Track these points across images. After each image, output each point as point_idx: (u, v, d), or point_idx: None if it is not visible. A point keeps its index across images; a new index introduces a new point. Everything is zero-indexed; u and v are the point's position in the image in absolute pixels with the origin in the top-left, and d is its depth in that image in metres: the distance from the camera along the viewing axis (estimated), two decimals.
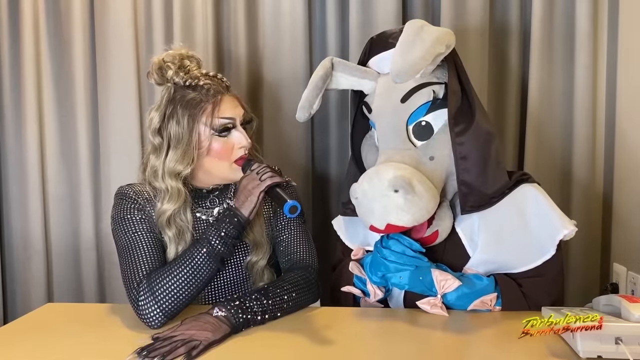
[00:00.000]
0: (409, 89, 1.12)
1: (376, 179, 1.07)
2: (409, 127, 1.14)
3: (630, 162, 1.45)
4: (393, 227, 1.07)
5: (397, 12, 1.59)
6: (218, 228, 1.11)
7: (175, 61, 1.20)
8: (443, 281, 1.08)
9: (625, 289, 1.43)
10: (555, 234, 1.12)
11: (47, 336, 1.04)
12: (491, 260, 1.13)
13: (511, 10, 1.61)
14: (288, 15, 1.65)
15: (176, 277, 1.08)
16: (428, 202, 1.07)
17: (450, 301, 1.10)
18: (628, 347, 0.84)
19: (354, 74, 1.20)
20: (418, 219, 1.07)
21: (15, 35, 1.71)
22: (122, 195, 1.21)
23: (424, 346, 0.98)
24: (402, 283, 1.11)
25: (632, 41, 1.46)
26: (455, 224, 1.18)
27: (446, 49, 1.09)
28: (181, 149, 1.16)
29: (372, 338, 1.02)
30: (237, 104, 1.21)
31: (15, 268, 1.79)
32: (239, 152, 1.19)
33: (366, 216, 1.10)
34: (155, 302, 1.06)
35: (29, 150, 1.72)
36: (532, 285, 1.12)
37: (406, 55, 1.05)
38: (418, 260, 1.11)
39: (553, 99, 1.58)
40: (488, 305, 1.10)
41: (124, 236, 1.16)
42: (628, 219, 1.46)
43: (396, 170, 1.06)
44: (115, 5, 1.67)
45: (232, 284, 1.24)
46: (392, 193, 1.04)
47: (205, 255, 1.09)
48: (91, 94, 1.72)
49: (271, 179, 1.10)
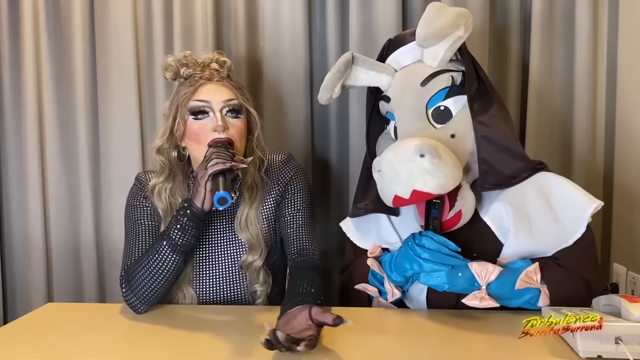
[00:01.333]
0: (428, 73, 1.16)
1: (401, 147, 1.07)
2: (429, 111, 1.16)
3: (630, 162, 1.45)
4: (419, 193, 1.05)
5: (397, 12, 1.59)
6: (176, 221, 1.14)
7: (188, 61, 1.26)
8: (483, 271, 1.04)
9: (625, 289, 1.43)
10: (584, 211, 1.10)
11: (47, 336, 1.04)
12: (524, 249, 1.11)
13: (511, 10, 1.61)
14: (288, 15, 1.65)
15: (145, 270, 1.15)
16: (454, 169, 1.06)
17: (495, 291, 1.05)
18: (628, 347, 0.84)
19: (373, 68, 1.23)
20: (444, 185, 1.05)
21: (15, 35, 1.71)
22: (137, 180, 1.32)
23: (424, 346, 0.98)
24: (441, 283, 1.06)
25: (632, 41, 1.46)
26: (482, 214, 1.16)
27: (465, 32, 1.14)
28: (163, 127, 1.25)
29: (372, 338, 1.02)
30: (223, 91, 1.22)
31: (15, 268, 1.79)
32: (213, 135, 1.18)
33: (390, 185, 1.07)
34: (132, 292, 1.15)
35: (29, 150, 1.71)
36: (568, 257, 1.09)
37: (432, 21, 1.11)
38: (455, 260, 1.06)
39: (553, 98, 1.58)
40: (534, 281, 1.05)
41: (128, 223, 1.26)
42: (628, 219, 1.46)
43: (420, 138, 1.08)
44: (115, 5, 1.67)
45: (228, 283, 1.25)
46: (418, 157, 1.04)
47: (168, 249, 1.14)
48: (91, 94, 1.71)
49: (213, 167, 1.07)
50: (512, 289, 1.05)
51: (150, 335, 1.04)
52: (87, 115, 1.71)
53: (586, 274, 1.09)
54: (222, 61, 1.28)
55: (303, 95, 1.66)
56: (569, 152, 1.58)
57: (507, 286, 1.05)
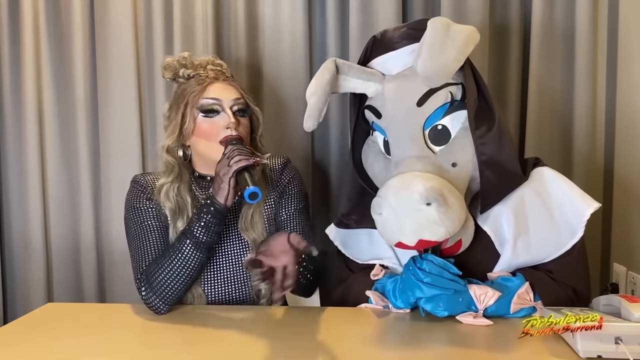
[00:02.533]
0: (425, 91, 1.06)
1: (405, 192, 0.98)
2: (425, 132, 1.08)
3: (630, 162, 1.45)
4: (426, 242, 1.00)
5: (397, 12, 1.59)
6: (199, 218, 1.14)
7: (186, 62, 1.27)
8: (482, 295, 1.04)
9: (625, 289, 1.43)
10: (581, 215, 1.09)
11: (47, 336, 1.04)
12: (519, 262, 1.11)
13: (511, 10, 1.61)
14: (288, 15, 1.65)
15: (168, 270, 1.13)
16: (460, 212, 1.01)
17: (490, 313, 1.05)
18: (628, 347, 0.84)
19: (359, 76, 1.12)
20: (452, 231, 1.00)
21: (15, 35, 1.71)
22: (135, 183, 1.29)
23: (424, 346, 0.98)
24: (441, 310, 1.04)
25: (632, 40, 1.46)
26: (480, 222, 1.12)
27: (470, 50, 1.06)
28: (171, 126, 1.24)
29: (371, 339, 1.02)
30: (231, 90, 1.24)
31: (15, 268, 1.79)
32: (225, 132, 1.19)
33: (394, 233, 1.01)
34: (154, 293, 1.13)
35: (29, 150, 1.71)
36: (559, 268, 1.09)
37: (437, 56, 1.01)
38: (456, 284, 1.05)
39: (554, 98, 1.58)
40: (528, 301, 1.06)
41: (133, 225, 1.23)
42: (628, 218, 1.46)
43: (425, 181, 0.99)
44: (115, 6, 1.67)
45: (234, 283, 1.25)
46: (424, 207, 0.96)
47: (191, 247, 1.13)
48: (91, 94, 1.71)
49: (237, 163, 1.09)
50: (508, 311, 1.06)
51: (150, 335, 1.04)
52: (87, 115, 1.71)
53: (577, 284, 1.10)
54: (219, 63, 1.30)
55: (303, 95, 1.65)
56: (569, 151, 1.58)
57: (503, 309, 1.06)
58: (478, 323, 1.03)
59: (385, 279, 1.16)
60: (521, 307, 1.06)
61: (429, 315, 1.08)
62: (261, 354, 0.93)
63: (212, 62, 1.29)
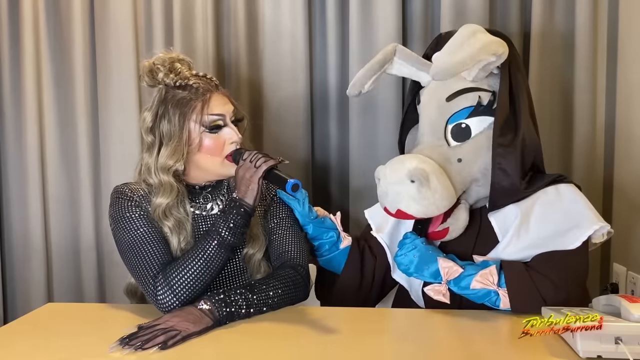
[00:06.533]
0: (456, 89, 1.16)
1: (398, 167, 1.12)
2: (449, 126, 1.17)
3: (630, 162, 1.46)
4: (402, 213, 1.13)
5: (397, 12, 1.59)
6: (226, 220, 1.14)
7: (165, 64, 1.21)
8: (447, 268, 1.10)
9: (625, 289, 1.44)
10: (587, 227, 1.09)
11: (47, 336, 1.04)
12: (513, 254, 1.12)
13: (511, 10, 1.61)
14: (288, 15, 1.65)
15: (191, 270, 1.12)
16: (441, 199, 1.10)
17: (454, 286, 1.10)
18: (628, 347, 0.84)
19: (413, 64, 1.23)
20: (426, 212, 1.12)
21: (15, 35, 1.71)
22: (119, 193, 1.23)
23: (424, 346, 0.99)
24: (409, 268, 1.13)
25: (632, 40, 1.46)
26: (489, 214, 1.18)
27: (496, 59, 1.11)
28: (172, 146, 1.18)
29: (371, 338, 1.02)
30: (227, 101, 1.23)
31: (15, 268, 1.79)
32: (231, 148, 1.21)
33: (381, 197, 1.16)
34: (173, 294, 1.10)
35: (29, 150, 1.71)
36: (539, 260, 1.10)
37: (450, 55, 1.10)
38: (430, 247, 1.14)
39: (553, 99, 1.58)
40: (490, 283, 1.07)
41: (127, 234, 1.17)
42: (628, 219, 1.46)
43: (419, 162, 1.11)
44: (115, 5, 1.67)
45: (230, 276, 1.25)
46: (407, 182, 1.09)
47: (217, 247, 1.13)
48: (91, 94, 1.71)
49: (265, 163, 1.13)
50: (469, 288, 1.09)
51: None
52: (87, 115, 1.71)
53: (552, 276, 1.07)
54: (204, 74, 1.25)
55: (303, 95, 1.66)
56: (569, 152, 1.58)
57: (465, 284, 1.09)
58: (437, 299, 1.11)
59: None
60: (482, 286, 1.08)
61: (429, 314, 1.08)
62: (261, 354, 0.93)
63: (179, 59, 1.23)
